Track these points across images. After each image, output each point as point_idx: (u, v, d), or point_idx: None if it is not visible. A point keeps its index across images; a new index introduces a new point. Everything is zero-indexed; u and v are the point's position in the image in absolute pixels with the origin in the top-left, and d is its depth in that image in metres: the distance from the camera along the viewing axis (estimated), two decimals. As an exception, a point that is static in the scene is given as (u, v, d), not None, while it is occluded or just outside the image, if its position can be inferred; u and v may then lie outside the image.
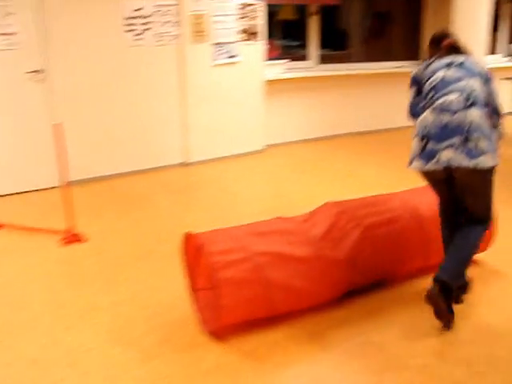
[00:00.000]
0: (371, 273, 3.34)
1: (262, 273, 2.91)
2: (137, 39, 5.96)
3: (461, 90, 2.99)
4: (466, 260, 3.10)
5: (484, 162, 2.88)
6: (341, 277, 3.17)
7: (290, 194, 5.45)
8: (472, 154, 2.88)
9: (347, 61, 8.56)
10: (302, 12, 7.79)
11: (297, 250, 3.05)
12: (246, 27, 6.59)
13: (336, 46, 8.95)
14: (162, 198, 5.38)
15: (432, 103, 3.06)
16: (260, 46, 6.78)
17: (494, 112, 3.07)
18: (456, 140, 2.91)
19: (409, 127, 8.73)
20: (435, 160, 2.96)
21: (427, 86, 3.16)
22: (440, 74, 3.12)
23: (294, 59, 7.66)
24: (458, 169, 2.94)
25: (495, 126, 3.06)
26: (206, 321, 3.06)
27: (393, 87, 8.34)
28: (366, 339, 2.96)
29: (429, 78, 3.17)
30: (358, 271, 3.24)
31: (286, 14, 8.09)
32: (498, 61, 10.01)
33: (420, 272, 3.63)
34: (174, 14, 6.12)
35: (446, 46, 3.30)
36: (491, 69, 9.81)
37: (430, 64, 3.25)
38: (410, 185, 4.13)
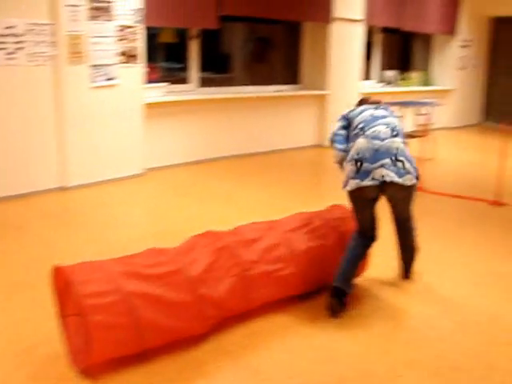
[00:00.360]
0: (241, 309, 3.39)
1: (135, 314, 2.81)
2: (8, 58, 5.71)
3: (387, 124, 3.69)
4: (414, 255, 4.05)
5: (409, 179, 3.55)
6: (215, 315, 3.18)
7: (171, 219, 5.39)
8: (400, 173, 3.52)
9: (229, 84, 8.68)
10: (182, 35, 7.81)
11: (172, 293, 2.99)
12: (125, 49, 6.50)
13: (218, 70, 9.05)
14: (36, 225, 5.15)
15: (363, 133, 3.66)
16: (139, 68, 6.71)
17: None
18: (387, 161, 3.51)
19: (288, 150, 8.95)
20: (370, 177, 3.51)
21: (358, 119, 3.80)
22: (370, 112, 3.83)
23: (175, 82, 7.65)
24: (391, 183, 3.51)
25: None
26: (75, 352, 2.94)
27: (273, 110, 8.54)
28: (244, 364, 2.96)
29: (359, 114, 3.85)
30: (229, 309, 3.28)
31: (167, 37, 8.09)
32: (372, 86, 10.52)
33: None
34: (50, 34, 5.93)
35: (371, 101, 4.13)
36: (366, 93, 10.25)
37: (358, 108, 3.96)
38: (290, 205, 4.21)
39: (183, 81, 7.82)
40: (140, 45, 6.64)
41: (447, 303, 3.77)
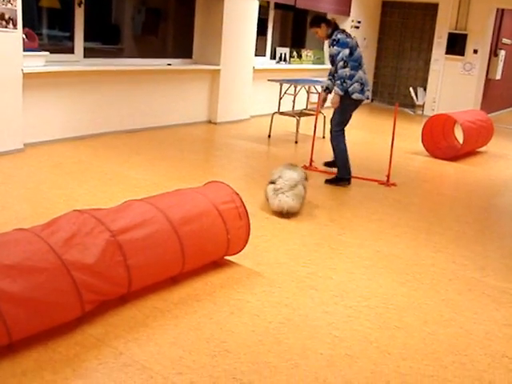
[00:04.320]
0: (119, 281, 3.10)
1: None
2: None
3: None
4: None
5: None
6: (92, 286, 2.88)
7: (50, 199, 4.97)
8: (367, 95, 6.06)
9: (118, 56, 8.24)
10: (67, 1, 7.26)
11: (35, 260, 2.68)
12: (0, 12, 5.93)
13: (106, 40, 8.56)
14: None
15: (361, 67, 5.98)
16: (17, 34, 6.12)
17: None
18: (369, 88, 6.07)
19: (180, 125, 8.65)
20: (366, 95, 6.00)
21: (356, 55, 5.95)
22: (359, 50, 6.01)
23: (58, 52, 7.12)
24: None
25: None
26: None
27: (164, 85, 8.19)
28: (127, 359, 2.71)
29: (356, 49, 5.96)
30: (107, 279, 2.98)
31: (49, 2, 7.50)
32: (266, 62, 10.39)
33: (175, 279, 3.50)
34: None
35: (333, 22, 6.16)
36: (260, 70, 10.16)
37: (351, 40, 5.95)
38: (176, 184, 3.97)
39: (68, 50, 7.28)
40: (17, 7, 6.06)
41: (340, 288, 3.70)
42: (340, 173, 6.22)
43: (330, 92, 6.25)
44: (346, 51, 5.84)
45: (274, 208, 4.88)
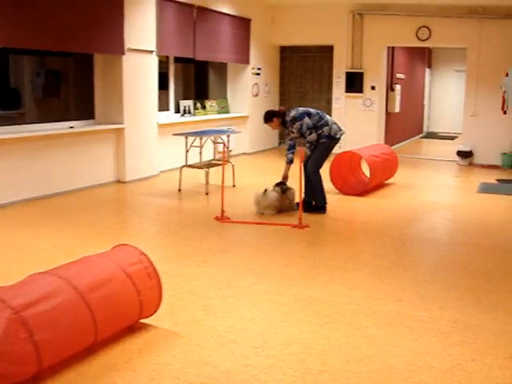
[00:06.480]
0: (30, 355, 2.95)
1: None
2: None
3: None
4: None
5: None
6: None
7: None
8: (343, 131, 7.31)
9: (20, 121, 8.03)
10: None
11: None
12: None
13: (6, 106, 8.36)
14: None
15: (325, 115, 7.14)
16: None
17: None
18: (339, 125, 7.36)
19: (87, 188, 8.41)
20: (342, 131, 7.15)
21: (313, 112, 7.06)
22: (313, 110, 7.11)
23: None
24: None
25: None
26: None
27: (68, 148, 8.03)
28: None
29: (310, 110, 7.09)
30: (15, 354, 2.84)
31: None
32: (170, 117, 10.42)
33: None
34: None
35: (281, 110, 7.23)
36: (165, 125, 10.15)
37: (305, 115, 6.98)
38: (87, 250, 3.84)
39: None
40: None
41: (260, 339, 3.67)
42: (317, 201, 7.08)
43: (292, 163, 7.10)
44: (306, 120, 6.86)
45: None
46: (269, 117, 7.11)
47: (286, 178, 7.15)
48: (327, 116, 7.14)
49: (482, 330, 3.86)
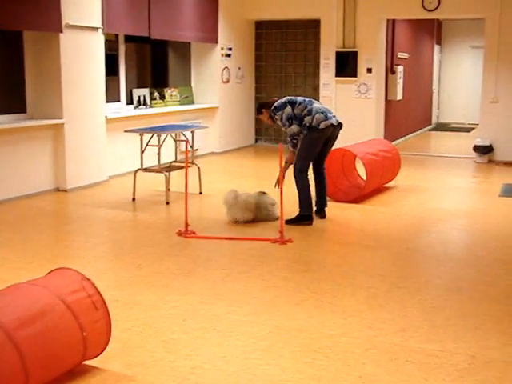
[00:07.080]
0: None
1: None
2: None
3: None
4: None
5: None
6: None
7: None
8: (336, 120, 7.25)
9: None
10: None
11: None
12: None
13: None
14: None
15: (312, 103, 7.21)
16: None
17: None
18: (332, 114, 7.38)
19: (18, 199, 8.38)
20: (334, 120, 7.11)
21: (300, 100, 7.19)
22: (300, 98, 7.28)
23: None
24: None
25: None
26: None
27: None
28: None
29: (296, 99, 7.25)
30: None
31: None
32: (121, 109, 10.37)
33: None
34: None
35: (272, 101, 7.34)
36: (114, 119, 10.12)
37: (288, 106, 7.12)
38: (17, 277, 3.82)
39: None
40: None
41: (233, 381, 3.67)
42: (302, 210, 7.13)
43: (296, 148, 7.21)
44: (287, 109, 7.06)
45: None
46: (259, 108, 7.55)
47: (290, 160, 7.32)
48: (315, 104, 7.24)
49: (509, 366, 3.88)
